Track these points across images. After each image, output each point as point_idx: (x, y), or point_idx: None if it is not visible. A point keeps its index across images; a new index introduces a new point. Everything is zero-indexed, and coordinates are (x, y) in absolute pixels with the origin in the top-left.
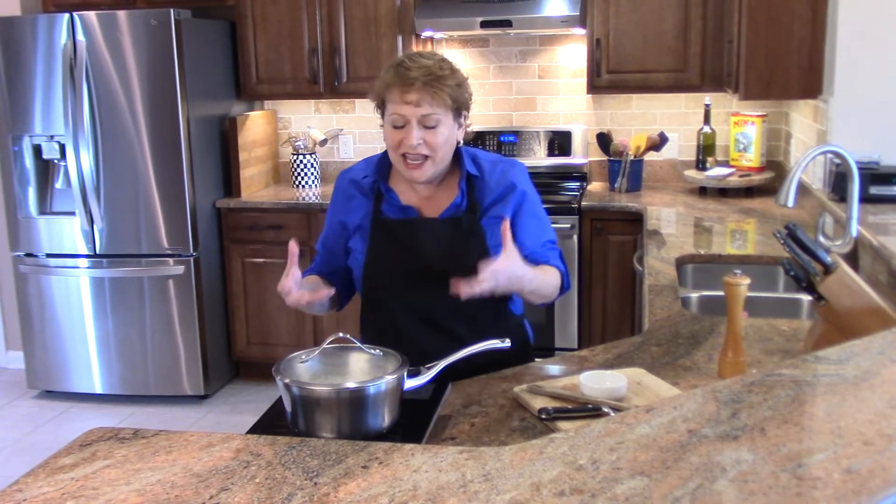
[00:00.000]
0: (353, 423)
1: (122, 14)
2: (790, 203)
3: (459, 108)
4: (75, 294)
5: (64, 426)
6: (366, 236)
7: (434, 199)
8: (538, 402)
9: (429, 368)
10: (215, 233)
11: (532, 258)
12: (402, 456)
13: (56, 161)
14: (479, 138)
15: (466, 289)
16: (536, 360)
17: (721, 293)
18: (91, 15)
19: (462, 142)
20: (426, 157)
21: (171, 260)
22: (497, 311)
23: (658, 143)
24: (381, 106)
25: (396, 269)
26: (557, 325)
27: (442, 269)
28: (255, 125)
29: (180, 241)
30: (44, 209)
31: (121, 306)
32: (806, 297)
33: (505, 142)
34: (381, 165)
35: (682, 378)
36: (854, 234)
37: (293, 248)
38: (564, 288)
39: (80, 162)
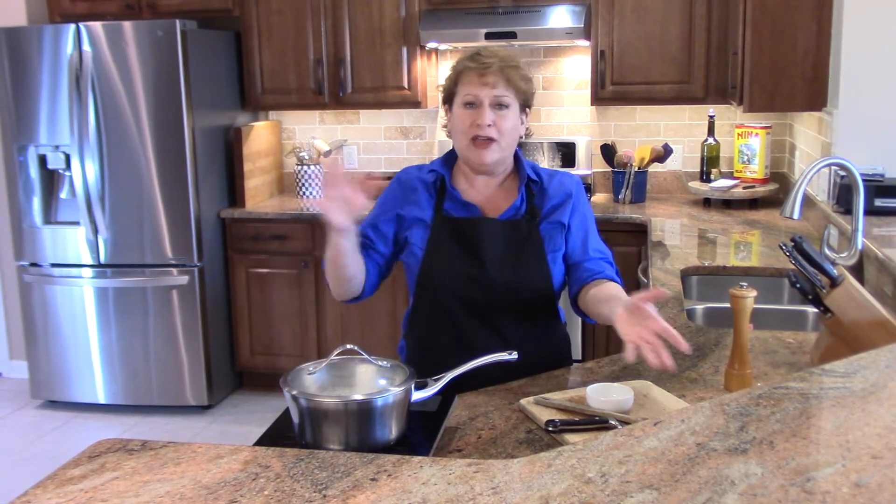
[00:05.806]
0: (361, 436)
1: (127, 25)
2: (796, 215)
3: (526, 100)
4: (79, 304)
5: (67, 436)
6: (426, 231)
7: (494, 201)
8: (545, 415)
9: (436, 380)
10: (219, 243)
11: (590, 269)
12: (410, 468)
13: (61, 171)
14: None
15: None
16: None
17: (726, 305)
18: (97, 26)
19: (524, 136)
20: (494, 140)
21: (175, 270)
22: (549, 315)
23: (662, 154)
24: (449, 100)
25: (455, 266)
26: None
27: (498, 269)
28: (259, 136)
29: (184, 252)
30: (48, 219)
31: (124, 316)
32: (811, 310)
33: None
34: (446, 163)
35: (688, 390)
36: (859, 246)
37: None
38: None
39: (85, 172)
